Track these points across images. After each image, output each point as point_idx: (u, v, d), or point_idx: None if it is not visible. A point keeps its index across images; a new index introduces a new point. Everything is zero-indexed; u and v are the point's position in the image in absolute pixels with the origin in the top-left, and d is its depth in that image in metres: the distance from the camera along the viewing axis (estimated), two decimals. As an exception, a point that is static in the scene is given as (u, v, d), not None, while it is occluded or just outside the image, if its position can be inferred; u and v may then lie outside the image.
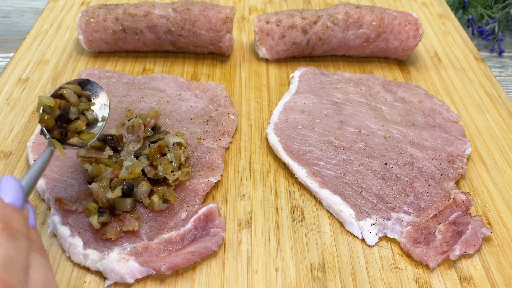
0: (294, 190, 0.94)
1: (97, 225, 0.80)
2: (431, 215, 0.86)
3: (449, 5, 1.57)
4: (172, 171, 0.86)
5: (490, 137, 1.07)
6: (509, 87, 1.37)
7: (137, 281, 0.77)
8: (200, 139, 0.99)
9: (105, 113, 0.85)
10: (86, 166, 0.87)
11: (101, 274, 0.78)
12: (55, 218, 0.83)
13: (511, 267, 0.82)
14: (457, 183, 0.96)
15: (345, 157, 0.96)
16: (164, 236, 0.80)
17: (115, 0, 1.50)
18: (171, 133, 0.97)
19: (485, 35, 1.48)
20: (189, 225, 0.82)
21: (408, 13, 1.23)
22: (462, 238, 0.82)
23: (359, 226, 0.85)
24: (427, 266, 0.81)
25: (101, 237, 0.81)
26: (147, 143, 0.93)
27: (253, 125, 1.08)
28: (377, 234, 0.84)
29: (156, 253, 0.79)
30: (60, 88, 0.80)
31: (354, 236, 0.86)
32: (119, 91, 1.11)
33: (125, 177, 0.85)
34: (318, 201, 0.92)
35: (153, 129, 0.96)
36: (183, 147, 0.91)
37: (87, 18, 1.19)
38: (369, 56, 1.29)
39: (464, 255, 0.83)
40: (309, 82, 1.17)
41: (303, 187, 0.94)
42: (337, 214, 0.88)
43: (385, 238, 0.86)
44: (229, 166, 0.98)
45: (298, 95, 1.11)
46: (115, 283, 0.77)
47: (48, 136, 0.77)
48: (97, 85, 0.86)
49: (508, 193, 0.94)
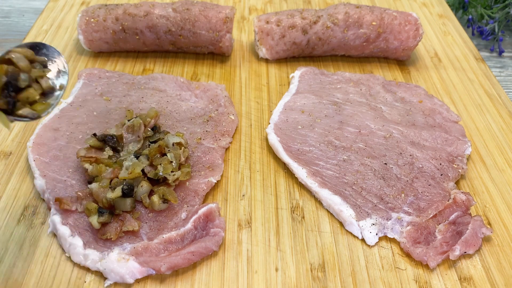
0: (294, 190, 0.94)
1: (97, 225, 0.80)
2: (431, 215, 0.86)
3: (449, 5, 1.57)
4: (172, 171, 0.86)
5: (490, 137, 1.07)
6: (509, 87, 1.37)
7: (137, 281, 0.77)
8: (200, 139, 0.99)
9: (63, 81, 0.76)
10: (86, 166, 0.87)
11: (101, 274, 0.78)
12: (55, 218, 0.83)
13: (511, 267, 0.82)
14: (457, 183, 0.96)
15: (345, 157, 0.96)
16: (164, 236, 0.80)
17: (115, 0, 1.50)
18: (171, 133, 0.97)
19: (485, 35, 1.48)
20: (189, 225, 0.82)
21: (408, 13, 1.23)
22: (462, 238, 0.82)
23: (359, 226, 0.85)
24: (427, 266, 0.81)
25: (101, 237, 0.81)
26: (147, 143, 0.93)
27: (253, 125, 1.08)
28: (377, 234, 0.84)
29: (156, 253, 0.79)
30: (8, 52, 0.70)
31: (354, 236, 0.86)
32: (119, 91, 1.11)
33: (125, 177, 0.85)
34: (318, 201, 0.92)
35: (153, 129, 0.96)
36: (183, 147, 0.91)
37: (87, 18, 1.19)
38: (369, 56, 1.29)
39: (464, 255, 0.83)
40: (309, 82, 1.17)
41: (303, 187, 0.94)
42: (337, 214, 0.88)
43: (385, 238, 0.86)
44: (229, 166, 0.98)
45: (298, 95, 1.11)
46: (115, 283, 0.77)
47: None
48: (54, 49, 0.77)
49: (508, 193, 0.94)
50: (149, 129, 0.96)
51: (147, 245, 0.79)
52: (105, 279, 0.77)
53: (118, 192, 0.82)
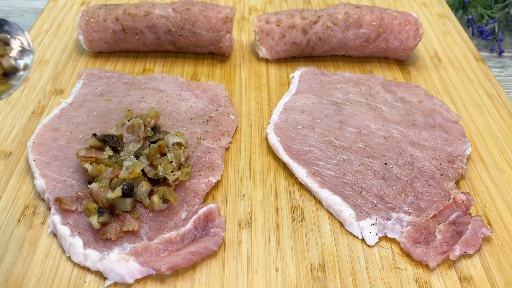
0: (294, 190, 0.94)
1: (97, 225, 0.80)
2: (431, 215, 0.86)
3: (449, 5, 1.57)
4: (172, 171, 0.86)
5: (490, 137, 1.07)
6: (509, 87, 1.37)
7: (137, 281, 0.77)
8: (200, 139, 0.99)
9: (28, 60, 0.71)
10: (86, 166, 0.87)
11: (101, 274, 0.78)
12: (55, 218, 0.83)
13: (511, 267, 0.82)
14: (457, 183, 0.96)
15: (345, 157, 0.96)
16: (164, 236, 0.80)
17: (115, 0, 1.50)
18: (171, 133, 0.97)
19: (485, 35, 1.48)
20: (189, 225, 0.82)
21: (408, 13, 1.23)
22: (462, 238, 0.82)
23: (359, 226, 0.85)
24: (427, 266, 0.81)
25: (101, 237, 0.81)
26: (147, 143, 0.93)
27: (253, 125, 1.08)
28: (377, 234, 0.84)
29: (156, 253, 0.79)
30: None
31: (354, 236, 0.86)
32: (119, 91, 1.11)
33: (125, 177, 0.85)
34: (318, 201, 0.92)
35: (153, 129, 0.96)
36: (183, 147, 0.91)
37: (87, 18, 1.19)
38: (369, 56, 1.29)
39: (464, 255, 0.83)
40: (309, 82, 1.17)
41: (303, 187, 0.94)
42: (337, 214, 0.88)
43: (385, 238, 0.86)
44: (229, 166, 0.98)
45: (298, 95, 1.11)
46: (115, 283, 0.77)
47: None
48: (17, 26, 0.71)
49: (508, 193, 0.94)
50: (149, 129, 0.96)
51: (147, 245, 0.79)
52: (105, 279, 0.77)
53: (118, 192, 0.82)
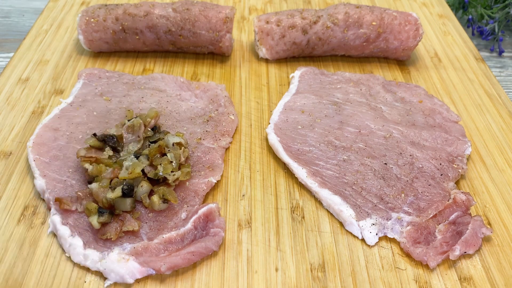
0: (294, 190, 0.94)
1: (97, 225, 0.80)
2: (431, 215, 0.86)
3: (449, 5, 1.57)
4: (172, 171, 0.86)
5: (490, 137, 1.07)
6: (509, 87, 1.37)
7: (137, 281, 0.77)
8: (200, 139, 0.99)
9: None
10: (86, 166, 0.87)
11: (101, 274, 0.78)
12: (55, 218, 0.83)
13: (511, 267, 0.82)
14: (457, 183, 0.96)
15: (345, 157, 0.96)
16: (164, 236, 0.80)
17: (115, 0, 1.50)
18: (171, 133, 0.97)
19: (485, 35, 1.48)
20: (189, 225, 0.82)
21: (408, 13, 1.23)
22: (462, 238, 0.82)
23: (359, 226, 0.85)
24: (427, 266, 0.81)
25: (101, 237, 0.81)
26: (147, 143, 0.93)
27: (253, 125, 1.08)
28: (377, 234, 0.84)
29: (156, 253, 0.79)
30: None
31: (354, 236, 0.86)
32: (119, 91, 1.11)
33: (125, 177, 0.85)
34: (318, 201, 0.92)
35: (153, 129, 0.96)
36: (183, 147, 0.91)
37: (87, 18, 1.19)
38: (369, 56, 1.29)
39: (464, 255, 0.83)
40: (309, 82, 1.17)
41: (303, 187, 0.94)
42: (337, 214, 0.88)
43: (385, 238, 0.86)
44: (229, 166, 0.98)
45: (298, 95, 1.11)
46: (115, 283, 0.77)
47: None
48: None
49: (508, 193, 0.94)
50: (149, 129, 0.96)
51: (147, 245, 0.79)
52: (105, 279, 0.77)
53: (118, 192, 0.82)
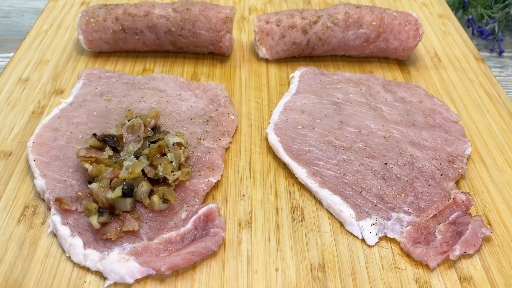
0: (294, 190, 0.94)
1: (97, 225, 0.80)
2: (431, 215, 0.86)
3: (449, 5, 1.57)
4: (172, 171, 0.86)
5: (490, 137, 1.07)
6: (509, 87, 1.37)
7: (137, 281, 0.77)
8: (200, 139, 0.99)
9: None
10: (86, 166, 0.87)
11: (101, 274, 0.78)
12: (55, 218, 0.83)
13: (511, 267, 0.82)
14: (457, 183, 0.96)
15: (345, 157, 0.96)
16: (164, 236, 0.80)
17: (115, 0, 1.50)
18: (171, 133, 0.97)
19: (485, 35, 1.48)
20: (189, 225, 0.82)
21: (408, 13, 1.23)
22: (462, 238, 0.82)
23: (359, 226, 0.85)
24: (427, 266, 0.81)
25: (101, 237, 0.81)
26: (147, 143, 0.93)
27: (253, 125, 1.08)
28: (377, 234, 0.84)
29: (156, 253, 0.79)
30: None
31: (354, 236, 0.86)
32: (119, 91, 1.11)
33: (125, 177, 0.85)
34: (318, 201, 0.92)
35: (153, 129, 0.96)
36: (183, 147, 0.91)
37: (87, 18, 1.19)
38: (369, 56, 1.29)
39: (464, 255, 0.83)
40: (309, 82, 1.17)
41: (303, 187, 0.94)
42: (337, 214, 0.88)
43: (385, 238, 0.86)
44: (229, 166, 0.98)
45: (298, 95, 1.11)
46: (115, 283, 0.77)
47: None
48: None
49: (508, 193, 0.94)
50: (149, 129, 0.96)
51: (147, 245, 0.79)
52: (105, 279, 0.77)
53: (118, 192, 0.82)
